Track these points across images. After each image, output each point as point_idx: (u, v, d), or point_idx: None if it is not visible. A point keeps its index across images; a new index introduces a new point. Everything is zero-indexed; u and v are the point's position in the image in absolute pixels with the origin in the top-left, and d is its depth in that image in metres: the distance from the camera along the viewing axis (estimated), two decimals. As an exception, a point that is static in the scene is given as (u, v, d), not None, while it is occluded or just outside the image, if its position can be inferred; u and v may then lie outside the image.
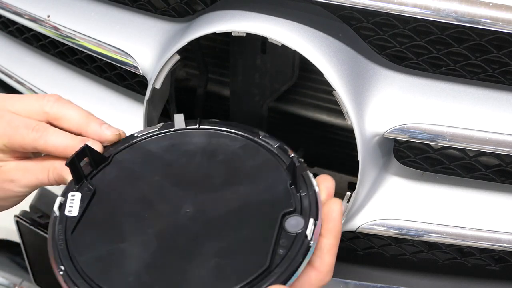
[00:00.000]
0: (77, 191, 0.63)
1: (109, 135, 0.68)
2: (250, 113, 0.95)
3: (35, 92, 0.93)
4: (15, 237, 1.06)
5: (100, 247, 0.58)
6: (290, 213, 0.58)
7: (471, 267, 0.75)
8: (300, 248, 0.55)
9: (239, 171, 0.64)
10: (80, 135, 0.68)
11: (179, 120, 0.70)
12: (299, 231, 0.56)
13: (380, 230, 0.70)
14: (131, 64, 0.78)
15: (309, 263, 0.56)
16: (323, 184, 0.61)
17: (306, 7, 0.69)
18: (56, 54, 0.95)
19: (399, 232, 0.69)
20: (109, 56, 0.81)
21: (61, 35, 0.86)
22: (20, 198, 0.71)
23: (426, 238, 0.69)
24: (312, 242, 0.55)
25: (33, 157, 0.71)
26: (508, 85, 0.66)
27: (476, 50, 0.66)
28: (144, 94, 0.74)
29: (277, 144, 0.67)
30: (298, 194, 0.60)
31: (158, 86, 0.72)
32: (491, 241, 0.67)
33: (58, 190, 1.02)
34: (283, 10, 0.68)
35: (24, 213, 0.98)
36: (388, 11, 0.60)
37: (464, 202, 0.70)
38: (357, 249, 0.79)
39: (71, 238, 0.58)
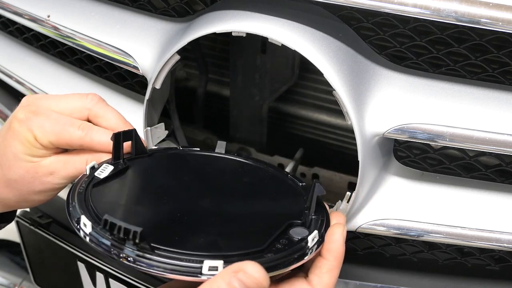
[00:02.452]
0: (111, 164, 0.67)
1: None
2: (250, 113, 0.95)
3: (35, 92, 0.93)
4: (15, 237, 1.06)
5: (115, 201, 0.62)
6: (298, 225, 0.61)
7: (471, 267, 0.75)
8: (297, 251, 0.57)
9: (261, 191, 0.69)
10: None
11: (221, 145, 0.77)
12: (301, 238, 0.59)
13: (380, 230, 0.70)
14: (131, 64, 0.78)
15: (308, 281, 0.59)
16: (335, 218, 0.64)
17: (306, 7, 0.69)
18: (56, 54, 0.95)
19: (399, 232, 0.69)
20: (109, 56, 0.81)
21: (61, 35, 0.86)
22: (57, 191, 0.73)
23: (426, 238, 0.69)
24: (310, 250, 0.58)
25: (70, 150, 0.73)
26: (508, 85, 0.66)
27: (476, 50, 0.66)
28: (144, 94, 0.74)
29: (302, 183, 0.70)
30: (311, 216, 0.62)
31: (158, 86, 0.72)
32: (491, 241, 0.67)
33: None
34: (283, 10, 0.68)
35: (24, 213, 0.98)
36: (388, 11, 0.60)
37: (464, 202, 0.70)
38: (357, 249, 0.79)
39: (92, 189, 0.62)
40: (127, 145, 0.70)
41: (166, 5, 0.79)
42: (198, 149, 0.76)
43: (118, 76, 0.88)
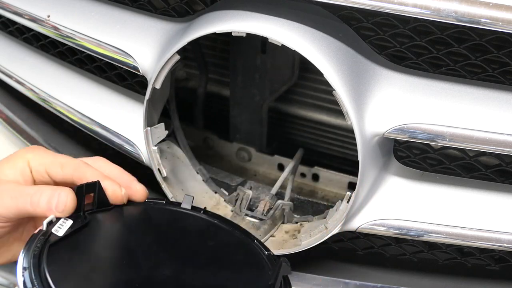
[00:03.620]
0: (70, 218, 0.64)
1: (139, 189, 0.70)
2: (250, 113, 0.95)
3: (35, 92, 0.94)
4: (15, 237, 1.06)
5: (72, 272, 0.58)
6: None
7: (471, 267, 0.75)
8: None
9: (225, 260, 0.66)
10: None
11: (187, 200, 0.73)
12: None
13: (380, 230, 0.70)
14: (131, 64, 0.78)
15: None
16: None
17: (306, 7, 0.69)
18: (56, 54, 0.95)
19: (399, 232, 0.69)
20: (109, 56, 0.81)
21: (61, 35, 0.86)
22: None
23: (426, 238, 0.69)
24: None
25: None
26: (508, 85, 0.66)
27: (476, 50, 0.66)
28: (144, 94, 0.74)
29: (268, 252, 0.68)
30: None
31: (158, 86, 0.72)
32: (491, 241, 0.67)
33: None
34: (283, 10, 0.68)
35: (24, 213, 0.98)
36: (388, 11, 0.60)
37: (464, 202, 0.70)
38: (357, 249, 0.79)
39: (47, 250, 0.59)
40: (90, 196, 0.67)
41: (166, 5, 0.79)
42: (164, 202, 0.73)
43: (118, 76, 0.88)
